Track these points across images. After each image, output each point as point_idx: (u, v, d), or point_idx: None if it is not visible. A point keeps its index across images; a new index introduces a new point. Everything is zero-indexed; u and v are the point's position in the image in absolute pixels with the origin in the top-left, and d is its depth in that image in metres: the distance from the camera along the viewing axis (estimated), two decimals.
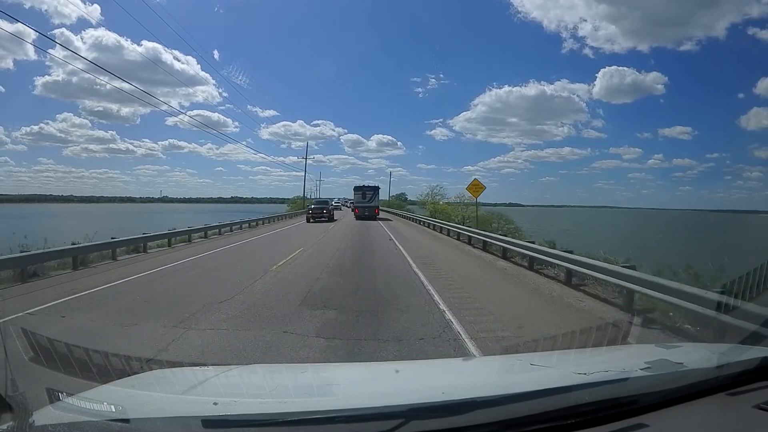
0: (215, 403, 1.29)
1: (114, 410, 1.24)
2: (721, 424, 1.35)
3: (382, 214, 38.85)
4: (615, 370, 1.51)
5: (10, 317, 5.60)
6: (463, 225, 23.04)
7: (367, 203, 35.15)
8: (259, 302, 6.53)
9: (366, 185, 36.59)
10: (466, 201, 39.03)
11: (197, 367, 2.32)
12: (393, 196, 70.27)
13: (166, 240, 15.39)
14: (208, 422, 1.17)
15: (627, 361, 1.71)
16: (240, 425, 1.22)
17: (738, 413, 1.36)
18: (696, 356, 1.82)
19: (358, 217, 33.86)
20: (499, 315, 5.99)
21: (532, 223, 37.92)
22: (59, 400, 1.33)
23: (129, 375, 2.00)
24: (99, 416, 1.21)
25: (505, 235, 13.74)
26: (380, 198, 38.67)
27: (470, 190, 19.29)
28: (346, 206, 56.20)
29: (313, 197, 78.94)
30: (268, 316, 5.75)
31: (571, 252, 8.50)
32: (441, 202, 43.21)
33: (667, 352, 1.77)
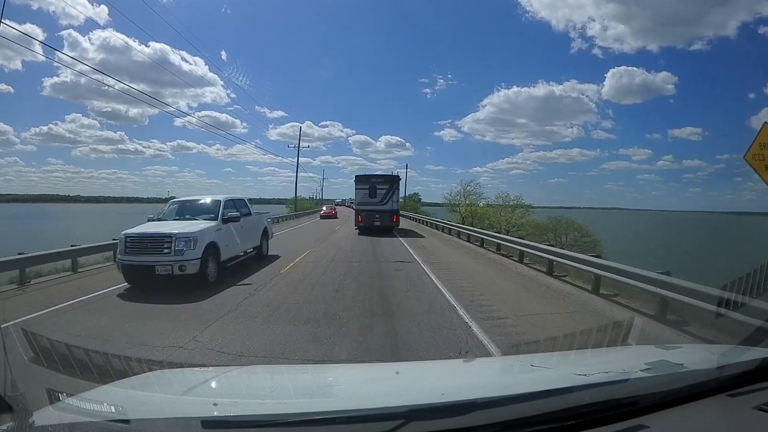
0: (215, 404, 1.30)
1: (114, 411, 1.24)
2: (721, 425, 1.35)
3: (402, 222, 24.56)
4: (615, 370, 1.51)
5: None
6: (506, 234, 17.38)
7: (378, 204, 20.46)
8: None
9: (377, 174, 22.77)
10: (511, 203, 31.42)
11: (197, 368, 2.32)
12: (406, 196, 52.23)
13: None
14: (208, 423, 1.17)
15: (627, 362, 1.71)
16: (240, 426, 1.22)
17: (738, 414, 1.35)
18: (696, 357, 1.83)
19: (363, 229, 20.33)
20: None
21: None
22: (59, 400, 1.33)
23: (129, 375, 2.00)
24: (99, 417, 1.21)
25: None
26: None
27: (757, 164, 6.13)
28: (353, 207, 40.79)
29: (313, 198, 77.67)
30: None
31: None
32: (481, 204, 33.50)
33: (667, 353, 1.77)
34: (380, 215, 20.43)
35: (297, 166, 46.70)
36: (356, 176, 21.96)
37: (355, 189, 21.36)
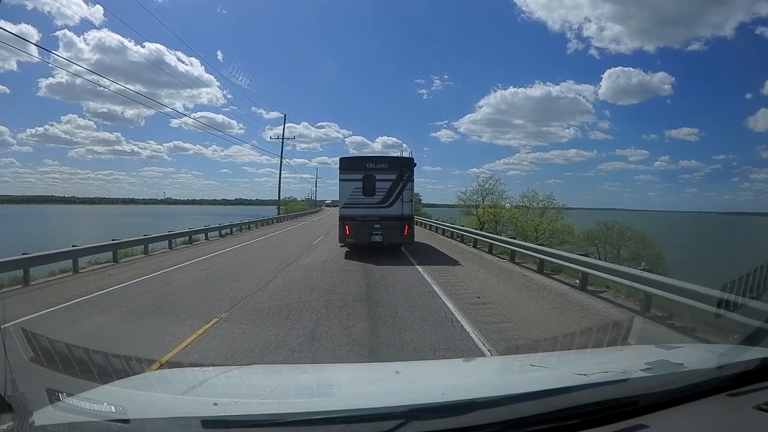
0: (215, 404, 1.30)
1: (114, 410, 1.24)
2: (721, 424, 1.35)
3: (419, 235, 16.90)
4: (615, 370, 1.51)
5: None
6: (538, 244, 12.19)
7: (379, 207, 12.85)
8: None
9: (376, 157, 14.34)
10: (540, 203, 25.50)
11: (197, 368, 2.31)
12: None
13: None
14: (208, 422, 1.17)
15: (627, 362, 1.71)
16: (240, 426, 1.22)
17: (738, 414, 1.35)
18: (696, 357, 1.83)
19: (354, 248, 13.05)
20: None
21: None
22: (59, 400, 1.33)
23: (129, 375, 2.00)
24: (99, 416, 1.21)
25: None
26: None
27: None
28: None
29: (309, 199, 75.77)
30: None
31: None
32: (507, 205, 26.81)
33: (667, 353, 1.77)
34: (382, 225, 12.45)
35: (281, 159, 41.95)
36: (342, 159, 13.18)
37: (340, 181, 12.89)
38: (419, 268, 10.60)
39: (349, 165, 13.21)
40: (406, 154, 18.99)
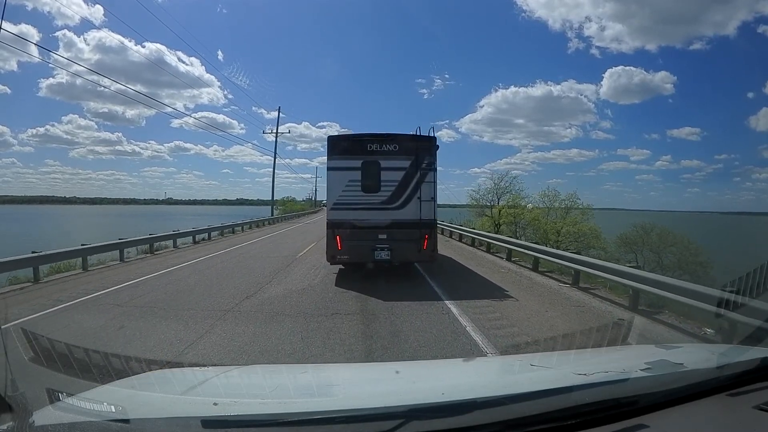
0: (215, 404, 1.30)
1: (114, 410, 1.24)
2: (721, 424, 1.35)
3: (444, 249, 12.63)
4: (615, 370, 1.51)
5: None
6: (557, 248, 11.11)
7: (385, 207, 8.55)
8: None
9: (382, 135, 8.90)
10: (564, 203, 22.61)
11: (197, 368, 2.32)
12: None
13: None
14: (208, 422, 1.17)
15: (627, 362, 1.71)
16: (240, 425, 1.22)
17: (738, 414, 1.35)
18: (696, 357, 1.83)
19: (350, 268, 9.26)
20: None
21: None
22: (59, 400, 1.33)
23: (129, 375, 2.00)
24: (99, 416, 1.22)
25: None
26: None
27: None
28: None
29: (310, 199, 76.11)
30: None
31: None
32: (529, 206, 24.00)
33: (667, 353, 1.77)
34: (391, 235, 8.65)
35: (275, 154, 39.35)
36: (331, 139, 9.31)
37: (329, 170, 9.03)
38: (451, 306, 6.56)
39: (341, 147, 9.02)
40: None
